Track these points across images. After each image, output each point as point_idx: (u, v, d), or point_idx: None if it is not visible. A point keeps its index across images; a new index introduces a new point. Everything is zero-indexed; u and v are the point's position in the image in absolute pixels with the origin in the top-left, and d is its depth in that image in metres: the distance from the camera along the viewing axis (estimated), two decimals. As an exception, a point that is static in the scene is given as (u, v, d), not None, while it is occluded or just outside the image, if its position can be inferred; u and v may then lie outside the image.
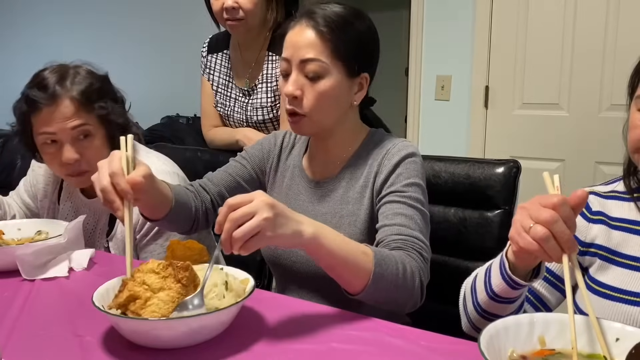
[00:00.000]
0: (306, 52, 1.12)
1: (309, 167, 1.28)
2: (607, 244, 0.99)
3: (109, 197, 0.97)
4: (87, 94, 1.36)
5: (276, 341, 0.89)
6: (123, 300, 0.86)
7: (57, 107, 1.33)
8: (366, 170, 1.19)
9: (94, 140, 1.38)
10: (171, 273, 0.87)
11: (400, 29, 4.42)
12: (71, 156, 1.35)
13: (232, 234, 0.84)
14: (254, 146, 1.36)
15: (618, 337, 0.73)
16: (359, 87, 1.19)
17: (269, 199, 0.87)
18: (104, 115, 1.39)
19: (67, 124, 1.34)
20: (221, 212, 0.87)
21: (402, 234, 1.07)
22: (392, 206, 1.11)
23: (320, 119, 1.17)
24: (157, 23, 3.95)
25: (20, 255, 1.16)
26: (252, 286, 0.93)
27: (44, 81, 1.35)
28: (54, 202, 1.58)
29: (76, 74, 1.39)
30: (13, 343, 0.89)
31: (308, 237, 0.91)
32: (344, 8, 1.16)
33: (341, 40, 1.13)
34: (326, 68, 1.13)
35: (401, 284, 1.00)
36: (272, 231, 0.86)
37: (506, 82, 2.76)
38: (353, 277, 0.97)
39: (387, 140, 1.22)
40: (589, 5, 2.52)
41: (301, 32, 1.14)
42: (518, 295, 0.91)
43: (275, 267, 1.30)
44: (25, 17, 4.73)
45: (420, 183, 1.15)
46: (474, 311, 0.99)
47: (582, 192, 0.77)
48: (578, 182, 1.12)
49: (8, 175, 2.40)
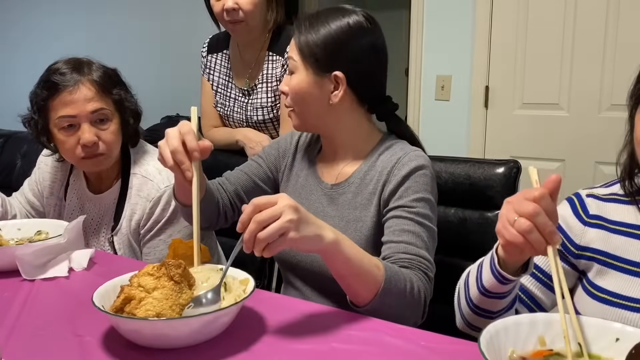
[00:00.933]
0: (290, 51, 1.21)
1: (322, 168, 1.29)
2: (606, 249, 0.98)
3: (178, 157, 1.01)
4: (105, 79, 1.43)
5: (276, 341, 0.89)
6: (119, 303, 0.87)
7: (78, 89, 1.39)
8: (375, 177, 1.19)
9: (110, 124, 1.43)
10: (164, 272, 0.87)
11: (400, 29, 4.43)
12: (90, 138, 1.39)
13: (256, 235, 0.85)
14: (271, 145, 1.39)
15: (618, 337, 0.73)
16: (335, 87, 1.18)
17: (293, 202, 0.88)
18: (120, 100, 1.45)
19: (87, 107, 1.39)
20: (246, 212, 0.87)
21: (409, 252, 1.07)
22: (399, 222, 1.11)
23: (301, 113, 1.21)
24: (157, 23, 3.96)
25: (20, 255, 1.16)
26: (252, 286, 0.93)
27: (62, 69, 1.41)
28: (61, 198, 1.59)
29: (90, 64, 1.45)
30: (13, 343, 0.89)
31: (328, 243, 0.92)
32: (331, 8, 1.20)
33: (307, 39, 1.17)
34: (295, 65, 1.19)
35: (408, 301, 1.01)
36: (295, 233, 0.87)
37: (506, 82, 2.76)
38: (362, 288, 0.98)
39: (400, 148, 1.20)
40: (589, 5, 2.52)
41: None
42: (508, 290, 0.91)
43: (281, 264, 1.32)
44: (24, 18, 4.73)
45: (429, 198, 1.14)
46: (466, 307, 0.99)
47: (556, 176, 0.79)
48: (578, 182, 1.11)
49: (8, 175, 2.40)
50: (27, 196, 1.63)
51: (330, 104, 1.19)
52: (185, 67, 3.19)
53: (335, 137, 1.23)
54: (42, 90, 1.41)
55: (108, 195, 1.51)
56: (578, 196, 1.05)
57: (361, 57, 1.18)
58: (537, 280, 1.03)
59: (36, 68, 1.45)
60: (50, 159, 1.60)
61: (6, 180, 2.36)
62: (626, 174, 0.99)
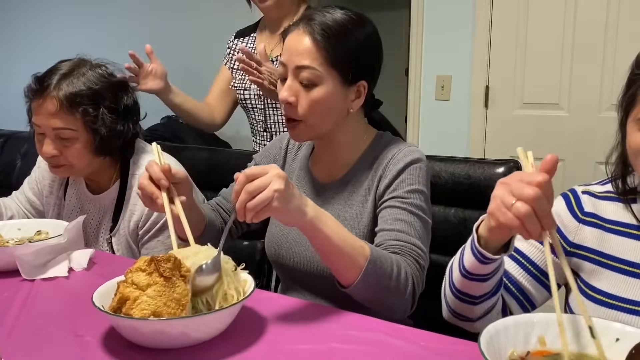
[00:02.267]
0: (301, 58, 1.11)
1: (316, 168, 1.28)
2: (600, 248, 0.97)
3: (147, 190, 1.03)
4: (74, 97, 1.35)
5: (276, 341, 0.89)
6: (115, 303, 0.86)
7: (43, 101, 1.37)
8: (371, 174, 1.19)
9: (75, 143, 1.39)
10: (155, 268, 0.87)
11: (401, 29, 4.42)
12: (48, 151, 1.39)
13: (246, 205, 0.89)
14: (261, 153, 1.38)
15: (618, 337, 0.73)
16: (356, 95, 1.17)
17: (282, 173, 0.92)
18: (91, 120, 1.38)
19: (49, 122, 1.37)
20: (238, 182, 0.91)
21: (400, 239, 1.07)
22: (392, 211, 1.11)
23: (315, 125, 1.16)
24: (158, 22, 3.95)
25: (20, 255, 1.16)
26: (252, 286, 0.93)
27: (49, 73, 1.40)
28: (60, 198, 1.59)
29: (82, 75, 1.39)
30: (13, 343, 0.89)
31: (309, 218, 0.95)
32: (345, 14, 1.14)
33: (336, 49, 1.11)
34: (320, 76, 1.11)
35: (393, 286, 1.00)
36: (279, 203, 0.90)
37: (506, 82, 2.76)
38: (345, 268, 0.98)
39: (394, 144, 1.21)
40: (589, 5, 2.52)
41: (297, 38, 1.12)
42: (489, 272, 0.90)
43: (278, 268, 1.31)
44: (24, 17, 4.73)
45: (423, 190, 1.14)
46: (450, 293, 0.98)
47: (552, 156, 0.77)
48: (578, 182, 1.11)
49: (8, 175, 2.40)
50: (27, 195, 1.63)
51: (348, 113, 1.18)
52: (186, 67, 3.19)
53: (335, 139, 1.22)
54: (28, 91, 1.42)
55: (107, 196, 1.51)
56: (574, 192, 1.04)
57: (380, 64, 1.20)
58: (528, 273, 1.02)
59: (37, 69, 1.44)
60: None
61: (6, 180, 2.36)
62: (619, 173, 0.98)
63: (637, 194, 0.98)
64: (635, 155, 0.90)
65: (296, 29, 1.14)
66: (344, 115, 1.18)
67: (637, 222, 0.96)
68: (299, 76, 1.12)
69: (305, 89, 1.12)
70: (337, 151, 1.24)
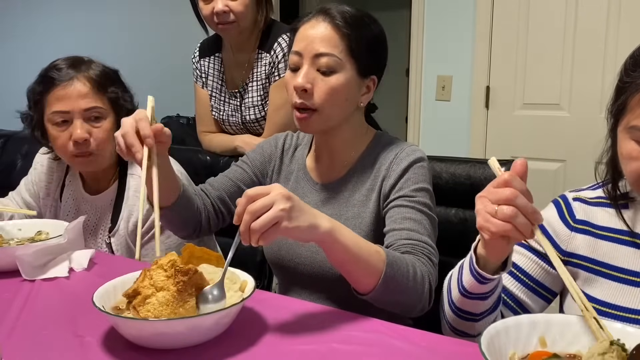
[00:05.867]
0: (321, 45, 1.12)
1: (314, 169, 1.28)
2: (593, 255, 0.97)
3: (129, 139, 0.98)
4: (101, 77, 1.43)
5: (277, 342, 0.88)
6: (131, 291, 0.87)
7: (72, 85, 1.39)
8: (373, 174, 1.19)
9: (104, 122, 1.43)
10: (173, 274, 0.87)
11: (401, 29, 4.42)
12: (82, 134, 1.39)
13: (250, 226, 0.85)
14: (255, 150, 1.36)
15: (618, 337, 0.73)
16: (367, 89, 1.19)
17: (285, 191, 0.88)
18: (116, 99, 1.44)
19: (81, 104, 1.39)
20: (240, 204, 0.87)
21: (411, 238, 1.07)
22: (400, 210, 1.11)
23: (329, 115, 1.15)
24: (158, 23, 3.95)
25: (20, 256, 1.16)
26: (252, 287, 0.93)
27: (59, 65, 1.42)
28: (56, 199, 1.59)
29: (90, 62, 1.46)
30: (13, 343, 0.89)
31: (324, 231, 0.91)
32: (358, 10, 1.17)
33: (357, 38, 1.13)
34: (340, 63, 1.12)
35: (411, 287, 1.00)
36: (288, 222, 0.86)
37: (507, 83, 2.75)
38: (364, 275, 0.97)
39: (395, 144, 1.21)
40: (590, 5, 2.52)
41: (317, 26, 1.13)
42: (488, 291, 0.89)
43: (278, 270, 1.30)
44: (25, 18, 4.73)
45: (428, 188, 1.15)
46: (449, 310, 0.98)
47: (522, 160, 0.79)
48: (578, 183, 1.11)
49: (8, 175, 2.39)
50: (23, 196, 1.63)
51: (357, 107, 1.19)
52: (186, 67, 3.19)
53: (338, 135, 1.21)
54: (39, 85, 1.42)
55: (104, 197, 1.50)
56: (564, 199, 1.03)
57: (386, 62, 1.22)
58: (524, 285, 1.02)
59: (37, 69, 1.45)
60: (46, 159, 1.59)
61: (6, 180, 2.35)
62: (609, 178, 0.98)
63: (628, 199, 0.97)
64: (625, 163, 0.90)
65: (313, 18, 1.15)
66: (353, 109, 1.19)
67: (628, 228, 0.95)
68: (317, 63, 1.12)
69: (323, 75, 1.13)
70: (338, 149, 1.23)
